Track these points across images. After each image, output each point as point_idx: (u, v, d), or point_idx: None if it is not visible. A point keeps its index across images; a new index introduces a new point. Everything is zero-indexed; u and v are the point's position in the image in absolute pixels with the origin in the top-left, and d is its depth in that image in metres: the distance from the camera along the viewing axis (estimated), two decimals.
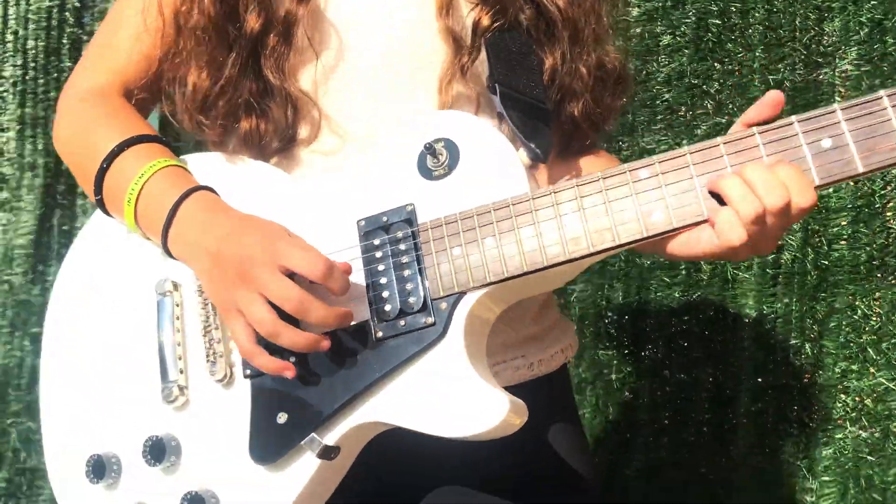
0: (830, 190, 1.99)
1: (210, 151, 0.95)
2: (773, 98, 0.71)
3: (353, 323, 0.78)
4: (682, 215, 0.71)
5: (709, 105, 2.02)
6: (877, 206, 1.96)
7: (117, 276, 0.92)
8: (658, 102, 2.05)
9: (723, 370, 2.01)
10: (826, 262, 1.97)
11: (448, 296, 0.76)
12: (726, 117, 2.01)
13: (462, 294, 0.76)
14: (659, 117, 2.05)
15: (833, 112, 0.68)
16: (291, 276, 0.75)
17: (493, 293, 0.76)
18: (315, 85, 0.91)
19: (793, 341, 1.98)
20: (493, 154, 0.79)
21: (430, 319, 0.76)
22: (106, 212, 0.92)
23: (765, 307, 1.99)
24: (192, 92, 0.90)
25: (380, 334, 0.78)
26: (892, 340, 1.93)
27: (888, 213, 1.98)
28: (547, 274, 0.74)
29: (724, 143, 0.71)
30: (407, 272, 0.78)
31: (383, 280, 0.79)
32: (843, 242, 1.97)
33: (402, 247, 0.79)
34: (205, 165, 0.93)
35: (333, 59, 0.91)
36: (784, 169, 0.68)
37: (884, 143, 0.66)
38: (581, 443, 0.95)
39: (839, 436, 1.95)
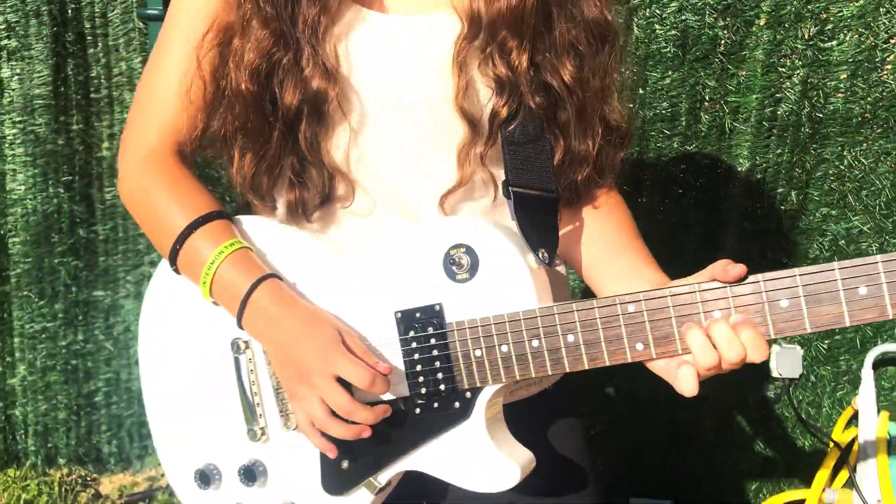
0: (833, 43, 2.01)
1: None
2: (731, 272, 0.83)
3: (396, 397, 0.97)
4: (661, 350, 0.86)
5: None
6: (877, 60, 2.01)
7: (196, 316, 1.08)
8: None
9: (712, 216, 2.18)
10: (821, 115, 2.06)
11: (472, 388, 0.94)
12: None
13: (483, 387, 0.94)
14: None
15: (793, 276, 0.81)
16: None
17: (508, 384, 0.94)
18: (347, 154, 1.01)
19: (780, 189, 2.13)
20: (506, 265, 0.92)
21: (457, 405, 0.94)
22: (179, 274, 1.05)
23: (758, 157, 2.11)
24: (236, 175, 1.01)
25: (417, 411, 0.96)
26: (872, 188, 2.08)
27: (887, 68, 2.03)
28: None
29: (700, 291, 0.84)
30: (437, 363, 0.94)
31: (418, 367, 0.95)
32: (839, 95, 2.04)
33: (433, 342, 0.95)
34: (258, 231, 1.06)
35: (361, 126, 1.00)
36: (746, 331, 0.81)
37: (830, 309, 0.80)
38: (579, 437, 1.16)
39: None
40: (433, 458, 0.97)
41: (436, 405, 0.95)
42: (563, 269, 1.15)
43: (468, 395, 0.94)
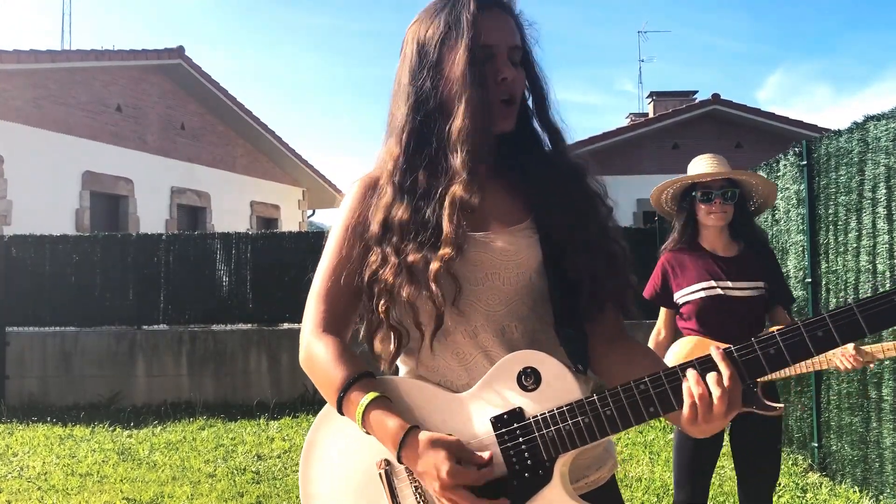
0: None
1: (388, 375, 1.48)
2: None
3: (499, 476, 1.30)
4: (666, 409, 1.26)
5: None
6: None
7: (348, 445, 1.45)
8: None
9: None
10: None
11: (549, 458, 1.30)
12: None
13: (558, 456, 1.30)
14: None
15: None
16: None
17: (572, 453, 1.30)
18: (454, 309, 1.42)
19: None
20: (558, 376, 1.33)
21: (542, 473, 1.30)
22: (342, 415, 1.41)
23: None
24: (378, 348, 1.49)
25: (515, 483, 1.30)
26: None
27: None
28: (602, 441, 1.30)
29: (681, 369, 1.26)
30: (524, 447, 1.31)
31: (512, 452, 1.31)
32: None
33: (519, 433, 1.31)
34: (391, 386, 1.43)
35: (462, 303, 1.41)
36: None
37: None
38: None
39: None
40: None
41: (527, 475, 1.32)
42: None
43: (548, 463, 1.31)
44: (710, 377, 1.23)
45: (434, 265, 1.37)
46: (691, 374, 1.24)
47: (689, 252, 3.22)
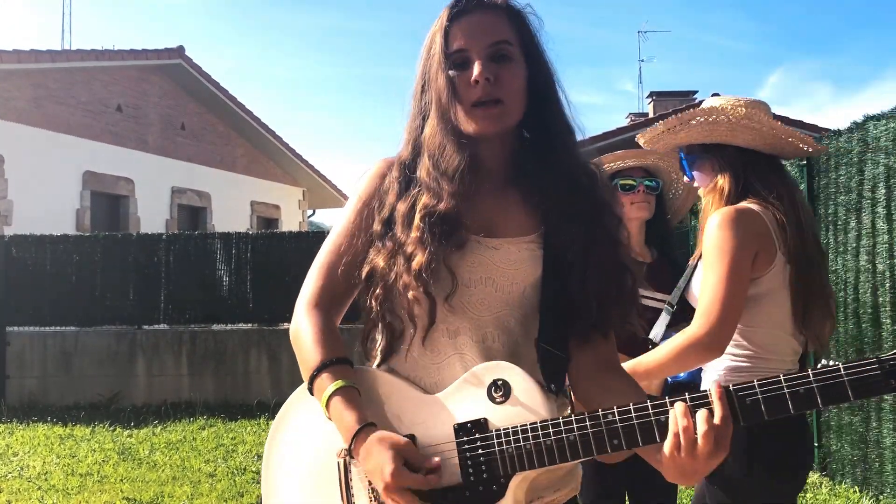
0: None
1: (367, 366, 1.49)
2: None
3: (454, 484, 1.30)
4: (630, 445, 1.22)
5: None
6: None
7: (315, 427, 1.44)
8: None
9: None
10: None
11: (505, 475, 1.27)
12: None
13: (514, 473, 1.28)
14: None
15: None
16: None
17: (530, 473, 1.28)
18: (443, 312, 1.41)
19: None
20: (528, 392, 1.31)
21: (496, 488, 1.28)
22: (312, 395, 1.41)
23: None
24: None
25: (467, 494, 1.29)
26: None
27: None
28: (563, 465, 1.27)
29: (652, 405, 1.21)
30: (482, 458, 1.29)
31: (470, 462, 1.29)
32: None
33: (479, 443, 1.30)
34: (364, 376, 1.43)
35: (454, 300, 1.40)
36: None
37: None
38: None
39: None
40: None
41: (481, 488, 1.30)
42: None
43: (503, 480, 1.29)
44: (700, 414, 1.16)
45: (417, 260, 1.37)
46: (679, 406, 1.18)
47: None
